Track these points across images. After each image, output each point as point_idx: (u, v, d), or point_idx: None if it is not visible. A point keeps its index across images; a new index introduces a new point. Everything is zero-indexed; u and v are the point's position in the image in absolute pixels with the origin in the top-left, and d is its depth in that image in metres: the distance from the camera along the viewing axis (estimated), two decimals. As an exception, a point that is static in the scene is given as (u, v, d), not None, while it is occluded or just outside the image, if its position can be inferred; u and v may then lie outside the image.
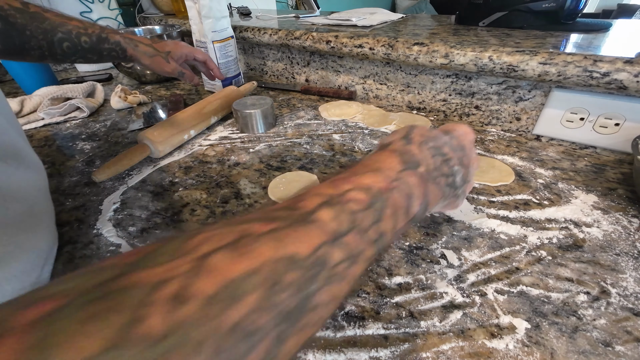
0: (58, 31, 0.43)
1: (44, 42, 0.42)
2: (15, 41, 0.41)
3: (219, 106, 0.60)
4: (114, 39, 0.48)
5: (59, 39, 0.43)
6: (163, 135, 0.50)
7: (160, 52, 0.53)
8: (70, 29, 0.44)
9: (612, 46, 0.47)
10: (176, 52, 0.55)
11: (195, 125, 0.55)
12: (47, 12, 0.43)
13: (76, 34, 0.45)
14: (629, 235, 0.33)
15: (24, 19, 0.40)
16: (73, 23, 0.45)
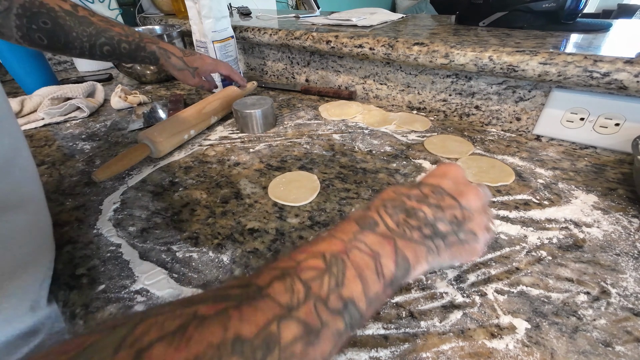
0: (102, 36, 0.47)
1: (87, 44, 0.46)
2: (61, 40, 0.44)
3: (219, 106, 0.60)
4: (150, 48, 0.53)
5: (101, 43, 0.47)
6: (163, 135, 0.50)
7: (189, 67, 0.58)
8: (113, 35, 0.48)
9: (612, 46, 0.47)
10: (202, 68, 0.59)
11: (195, 125, 0.55)
12: (93, 16, 0.47)
13: (117, 41, 0.48)
14: (629, 236, 0.33)
15: (73, 22, 0.44)
16: (116, 29, 0.48)
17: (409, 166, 0.46)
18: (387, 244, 0.20)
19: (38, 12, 0.41)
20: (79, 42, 0.45)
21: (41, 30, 0.42)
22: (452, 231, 0.22)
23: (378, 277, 0.19)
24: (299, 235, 0.35)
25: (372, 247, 0.20)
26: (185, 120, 0.54)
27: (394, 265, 0.20)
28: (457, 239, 0.23)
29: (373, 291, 0.18)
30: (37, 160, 0.52)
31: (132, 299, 0.29)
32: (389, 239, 0.21)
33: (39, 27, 0.42)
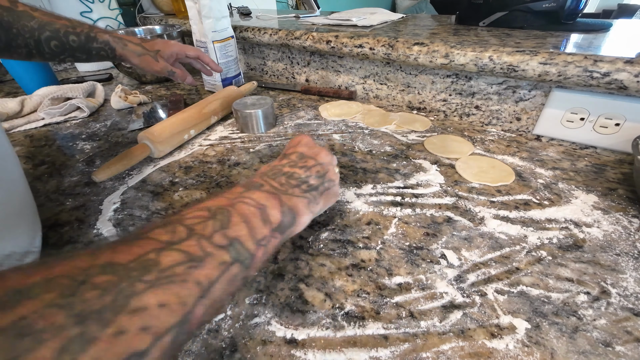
0: (46, 30, 0.43)
1: (31, 40, 0.42)
2: (2, 39, 0.41)
3: (219, 106, 0.60)
4: (102, 38, 0.48)
5: (46, 37, 0.43)
6: (163, 135, 0.50)
7: (149, 51, 0.52)
8: (58, 28, 0.44)
9: (612, 46, 0.47)
10: (165, 50, 0.54)
11: (195, 125, 0.55)
12: (35, 11, 0.43)
13: (64, 33, 0.45)
14: (629, 236, 0.33)
15: (11, 17, 0.41)
16: (61, 22, 0.45)
17: (409, 166, 0.46)
18: (272, 199, 0.24)
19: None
20: (21, 39, 0.42)
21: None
22: (320, 182, 0.29)
23: (264, 223, 0.22)
24: (299, 235, 0.35)
25: (258, 200, 0.23)
26: (185, 120, 0.54)
27: (280, 214, 0.23)
28: (324, 187, 0.29)
29: (260, 234, 0.21)
30: (37, 160, 0.52)
31: (132, 298, 0.29)
32: (274, 195, 0.24)
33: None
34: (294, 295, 0.29)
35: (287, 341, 0.25)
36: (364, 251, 0.33)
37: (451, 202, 0.39)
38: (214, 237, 0.18)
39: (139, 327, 0.13)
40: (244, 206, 0.22)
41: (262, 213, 0.22)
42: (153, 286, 0.15)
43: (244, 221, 0.20)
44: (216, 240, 0.18)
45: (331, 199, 0.30)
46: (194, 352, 0.25)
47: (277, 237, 0.22)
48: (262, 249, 0.21)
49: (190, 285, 0.16)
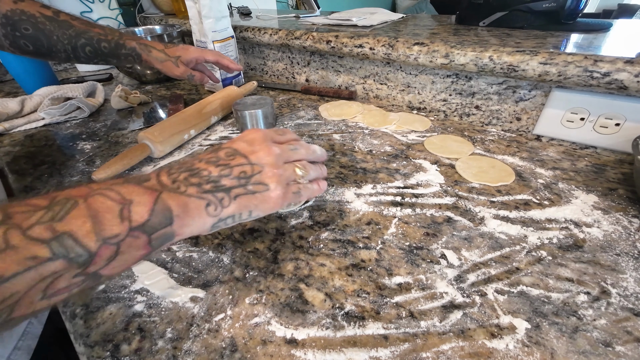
0: (82, 37, 0.49)
1: (69, 46, 0.49)
2: (44, 44, 0.47)
3: (219, 106, 0.60)
4: (130, 45, 0.54)
5: (82, 44, 0.49)
6: (163, 135, 0.50)
7: (171, 57, 0.57)
8: (92, 36, 0.50)
9: (612, 46, 0.47)
10: (185, 56, 0.58)
11: (195, 125, 0.55)
12: (74, 20, 0.49)
13: (97, 40, 0.51)
14: (629, 236, 0.33)
15: (53, 26, 0.47)
16: (95, 30, 0.51)
17: (409, 166, 0.46)
18: (147, 194, 0.21)
19: (19, 20, 0.45)
20: (61, 45, 0.48)
21: (25, 37, 0.46)
22: (239, 184, 0.25)
23: (121, 220, 0.20)
24: (299, 235, 0.35)
25: (124, 195, 0.21)
26: (185, 120, 0.54)
27: (148, 212, 0.21)
28: (245, 190, 0.25)
29: (109, 231, 0.19)
30: (37, 160, 0.52)
31: (132, 298, 0.29)
32: (152, 191, 0.22)
33: (22, 33, 0.45)
34: (294, 295, 0.29)
35: (287, 341, 0.25)
36: (364, 251, 0.33)
37: (451, 202, 0.39)
38: (32, 229, 0.17)
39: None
40: (99, 199, 0.20)
41: (123, 209, 0.20)
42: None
43: (89, 215, 0.19)
44: (34, 232, 0.17)
45: (258, 205, 0.26)
46: (194, 352, 0.25)
47: (140, 236, 0.20)
48: (109, 248, 0.19)
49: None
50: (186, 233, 0.23)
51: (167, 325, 0.27)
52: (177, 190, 0.23)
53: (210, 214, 0.24)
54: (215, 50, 0.63)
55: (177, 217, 0.22)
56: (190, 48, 0.59)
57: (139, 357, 0.25)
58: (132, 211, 0.20)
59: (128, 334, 0.26)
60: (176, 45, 0.59)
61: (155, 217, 0.21)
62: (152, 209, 0.21)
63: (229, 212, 0.25)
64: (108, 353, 0.25)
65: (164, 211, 0.21)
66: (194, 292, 0.29)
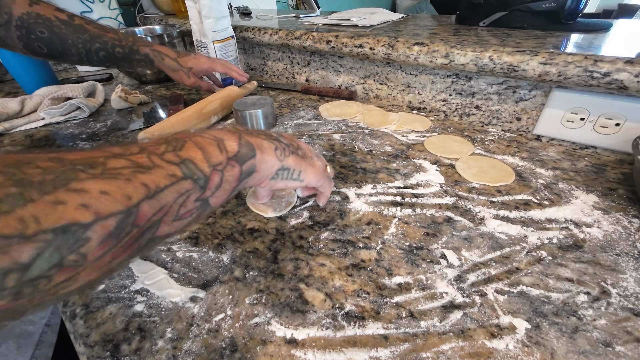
0: (96, 42, 0.50)
1: (83, 50, 0.50)
2: (58, 47, 0.48)
3: (219, 106, 0.60)
4: (143, 51, 0.55)
5: (96, 48, 0.50)
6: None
7: (183, 68, 0.59)
8: (106, 40, 0.51)
9: (612, 46, 0.47)
10: (197, 67, 0.60)
11: (195, 124, 0.55)
12: (89, 24, 0.50)
13: (111, 45, 0.51)
14: (629, 236, 0.33)
15: (68, 30, 0.48)
16: (110, 35, 0.51)
17: (409, 166, 0.46)
18: (231, 134, 0.25)
19: (35, 23, 0.45)
20: (75, 48, 0.49)
21: (39, 40, 0.46)
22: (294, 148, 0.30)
23: (221, 151, 0.23)
24: (299, 235, 0.35)
25: (214, 135, 0.24)
26: (185, 120, 0.54)
27: (237, 144, 0.24)
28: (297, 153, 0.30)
29: (216, 159, 0.22)
30: (38, 160, 0.52)
31: (132, 298, 0.29)
32: (234, 132, 0.25)
33: (37, 36, 0.46)
34: (294, 295, 0.29)
35: (287, 341, 0.25)
36: (364, 251, 0.33)
37: (451, 202, 0.39)
38: (165, 154, 0.19)
39: (78, 203, 0.14)
40: (199, 138, 0.23)
41: (219, 143, 0.23)
42: (96, 177, 0.15)
43: (198, 147, 0.22)
44: (167, 157, 0.19)
45: (307, 168, 0.30)
46: (194, 352, 0.25)
47: (235, 165, 0.24)
48: (217, 174, 0.22)
49: (136, 183, 0.17)
50: (263, 169, 0.26)
51: (167, 325, 0.27)
52: (251, 134, 0.27)
53: (278, 157, 0.28)
54: (224, 61, 0.65)
55: (258, 150, 0.26)
56: (201, 59, 0.61)
57: (139, 357, 0.25)
58: (226, 145, 0.24)
59: (128, 334, 0.26)
60: (188, 55, 0.60)
61: (242, 148, 0.24)
62: (239, 143, 0.25)
63: (289, 163, 0.29)
64: (108, 353, 0.25)
65: (248, 145, 0.25)
66: (194, 292, 0.29)
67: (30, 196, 0.13)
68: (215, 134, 0.24)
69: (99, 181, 0.15)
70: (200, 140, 0.23)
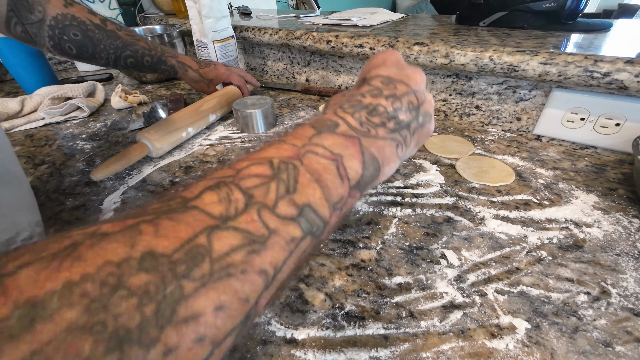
0: (127, 49, 0.51)
1: (113, 55, 0.50)
2: (89, 50, 0.48)
3: (217, 104, 0.60)
4: (170, 62, 0.58)
5: (126, 55, 0.51)
6: (160, 133, 0.50)
7: (204, 79, 0.62)
8: (137, 49, 0.52)
9: (612, 46, 0.47)
10: (217, 79, 0.64)
11: (192, 123, 0.55)
12: (120, 30, 0.50)
13: (141, 54, 0.53)
14: (629, 236, 0.33)
15: (101, 35, 0.48)
16: (140, 44, 0.53)
17: (409, 166, 0.46)
18: (351, 145, 0.19)
19: (70, 25, 0.45)
20: (105, 53, 0.49)
21: (71, 41, 0.46)
22: (413, 117, 0.22)
23: (342, 180, 0.17)
24: (299, 235, 0.35)
25: (332, 149, 0.18)
26: (182, 118, 0.54)
27: (361, 166, 0.18)
28: (418, 124, 0.23)
29: (337, 196, 0.17)
30: (38, 160, 0.52)
31: (132, 298, 0.29)
32: (353, 139, 0.19)
33: (70, 38, 0.46)
34: (294, 295, 0.29)
35: (287, 341, 0.25)
36: (364, 251, 0.33)
37: (451, 202, 0.39)
38: (278, 205, 0.15)
39: (192, 340, 0.11)
40: (313, 158, 0.17)
41: (339, 166, 0.17)
42: (206, 284, 0.12)
43: (315, 180, 0.16)
44: (282, 210, 0.15)
45: (422, 139, 0.24)
46: (194, 351, 0.25)
47: (356, 196, 0.18)
48: (336, 214, 0.17)
49: (253, 276, 0.13)
50: (381, 180, 0.21)
51: (167, 325, 0.27)
52: (370, 134, 0.20)
53: (399, 156, 0.22)
54: (241, 71, 0.67)
55: (382, 164, 0.20)
56: (220, 70, 0.63)
57: (139, 357, 0.25)
58: (347, 167, 0.18)
59: (128, 333, 0.26)
60: (209, 65, 0.62)
61: (367, 170, 0.19)
62: (362, 161, 0.19)
63: (409, 151, 0.23)
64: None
65: (373, 162, 0.19)
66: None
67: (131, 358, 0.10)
68: (331, 147, 0.18)
69: (210, 291, 0.12)
70: (316, 165, 0.17)
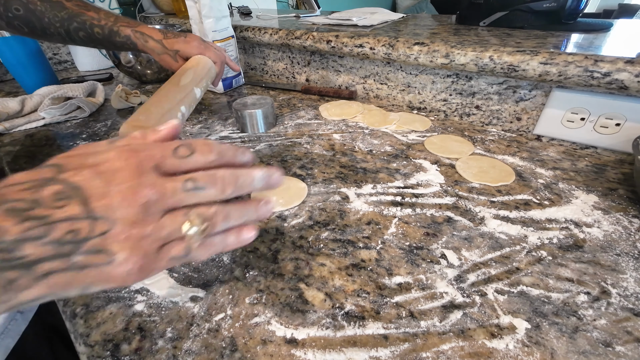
0: (74, 21, 0.45)
1: (62, 29, 0.45)
2: (36, 26, 0.44)
3: (195, 75, 0.47)
4: (124, 32, 0.48)
5: (74, 28, 0.46)
6: (151, 118, 0.37)
7: (169, 50, 0.50)
8: (85, 20, 0.46)
9: (613, 46, 0.47)
10: (185, 51, 0.50)
11: (181, 100, 0.42)
12: (69, 1, 0.45)
13: (90, 25, 0.46)
14: (629, 236, 0.33)
15: (44, 7, 0.44)
16: (89, 14, 0.46)
17: (409, 166, 0.46)
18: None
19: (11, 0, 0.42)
20: (53, 27, 0.45)
21: (17, 18, 0.44)
22: (57, 254, 0.16)
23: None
24: (299, 235, 0.35)
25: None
26: (167, 97, 0.42)
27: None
28: (66, 265, 0.16)
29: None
30: (38, 159, 0.52)
31: (132, 298, 0.29)
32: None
33: (14, 14, 0.43)
34: (294, 295, 0.29)
35: (287, 341, 0.25)
36: (364, 251, 0.33)
37: (451, 202, 0.39)
38: None
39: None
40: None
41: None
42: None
43: None
44: None
45: (93, 283, 0.17)
46: (194, 351, 0.25)
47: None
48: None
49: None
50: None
51: (167, 325, 0.27)
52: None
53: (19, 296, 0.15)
54: (219, 48, 0.55)
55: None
56: (192, 42, 0.50)
57: (139, 356, 0.25)
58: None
59: (128, 333, 0.26)
60: (177, 36, 0.51)
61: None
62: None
63: (30, 295, 0.16)
64: (108, 352, 0.25)
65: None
66: (194, 292, 0.29)
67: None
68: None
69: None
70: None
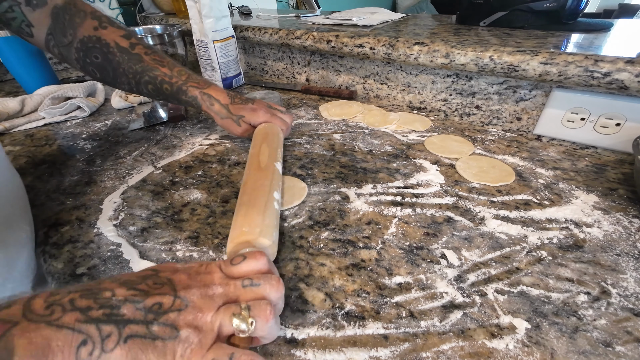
0: (146, 74, 0.47)
1: (133, 80, 0.47)
2: (109, 74, 0.47)
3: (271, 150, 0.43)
4: (192, 93, 0.49)
5: (145, 81, 0.47)
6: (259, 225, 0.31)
7: (233, 115, 0.50)
8: (156, 75, 0.47)
9: (613, 46, 0.47)
10: (251, 119, 0.49)
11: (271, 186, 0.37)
12: (149, 54, 0.47)
13: (160, 81, 0.48)
14: (629, 236, 0.33)
15: (122, 58, 0.45)
16: (163, 69, 0.48)
17: (410, 166, 0.46)
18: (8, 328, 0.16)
19: (92, 47, 0.44)
20: (125, 77, 0.47)
21: (93, 64, 0.45)
22: (142, 320, 0.18)
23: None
24: (299, 234, 0.35)
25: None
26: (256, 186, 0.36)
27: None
28: (145, 331, 0.18)
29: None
30: (38, 159, 0.52)
31: None
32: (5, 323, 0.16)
33: (92, 61, 0.45)
34: (294, 295, 0.29)
35: (287, 341, 0.25)
36: (364, 251, 0.33)
37: (451, 202, 0.39)
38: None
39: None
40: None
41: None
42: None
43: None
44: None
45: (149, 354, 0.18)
46: (194, 351, 0.25)
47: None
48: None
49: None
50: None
51: (167, 325, 0.27)
52: (45, 319, 0.17)
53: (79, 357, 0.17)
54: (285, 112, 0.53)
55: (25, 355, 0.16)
56: (259, 110, 0.49)
57: None
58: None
59: None
60: (244, 102, 0.50)
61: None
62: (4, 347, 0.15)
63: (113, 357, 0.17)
64: (108, 352, 0.25)
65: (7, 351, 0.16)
66: (194, 292, 0.29)
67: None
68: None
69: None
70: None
